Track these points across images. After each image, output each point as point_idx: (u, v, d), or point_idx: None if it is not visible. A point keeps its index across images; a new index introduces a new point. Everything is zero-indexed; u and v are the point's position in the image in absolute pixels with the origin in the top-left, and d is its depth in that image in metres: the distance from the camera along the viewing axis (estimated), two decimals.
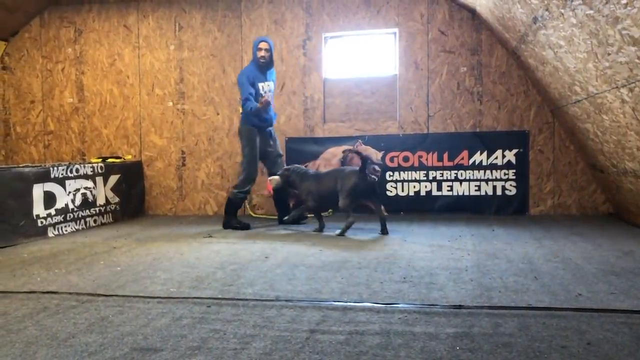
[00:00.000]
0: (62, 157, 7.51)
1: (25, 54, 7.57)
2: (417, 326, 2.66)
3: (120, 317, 2.89)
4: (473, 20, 6.58)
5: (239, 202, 5.93)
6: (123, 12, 7.34)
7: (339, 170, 5.51)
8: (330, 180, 5.44)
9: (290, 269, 3.89)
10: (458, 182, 6.63)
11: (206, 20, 7.14)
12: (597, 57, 3.97)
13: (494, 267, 3.86)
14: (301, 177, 5.63)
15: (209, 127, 7.15)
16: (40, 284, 3.63)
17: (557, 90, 5.46)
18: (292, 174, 5.67)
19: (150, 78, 7.30)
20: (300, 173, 5.66)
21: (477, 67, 6.60)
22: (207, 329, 2.67)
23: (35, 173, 5.46)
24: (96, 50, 7.41)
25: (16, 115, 7.62)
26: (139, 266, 4.09)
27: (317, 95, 6.93)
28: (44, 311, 3.01)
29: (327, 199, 5.52)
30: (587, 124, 5.20)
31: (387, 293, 3.24)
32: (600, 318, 2.73)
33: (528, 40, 5.27)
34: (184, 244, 5.03)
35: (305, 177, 5.61)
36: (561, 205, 6.49)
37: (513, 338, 2.48)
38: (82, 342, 2.53)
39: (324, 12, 6.87)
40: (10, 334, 2.65)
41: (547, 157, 6.49)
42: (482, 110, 6.62)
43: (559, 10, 4.02)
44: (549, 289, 3.25)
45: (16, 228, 5.19)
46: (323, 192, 5.48)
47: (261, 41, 5.78)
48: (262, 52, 5.73)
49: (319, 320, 2.78)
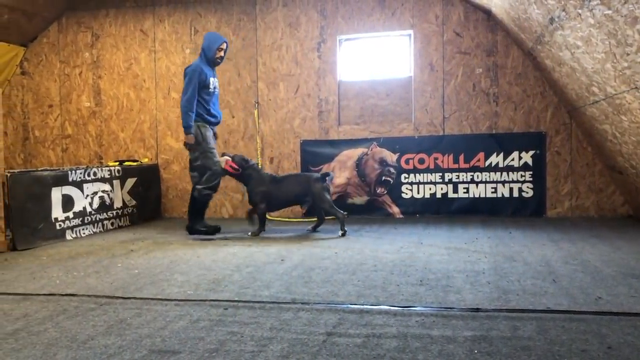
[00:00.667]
0: (80, 160, 7.60)
1: (44, 59, 7.67)
2: (435, 329, 2.65)
3: (138, 319, 2.91)
4: (488, 21, 6.54)
5: (205, 201, 5.61)
6: (139, 17, 7.41)
7: (303, 176, 5.67)
8: (292, 185, 5.55)
9: (306, 272, 3.89)
10: (474, 184, 6.59)
11: (221, 24, 7.18)
12: (615, 58, 3.92)
13: (512, 269, 3.83)
14: (258, 176, 5.58)
15: (224, 130, 7.19)
16: (59, 286, 3.67)
17: (575, 91, 5.41)
18: (249, 168, 5.59)
19: (166, 82, 7.35)
20: (258, 171, 5.65)
21: (493, 68, 6.56)
22: (224, 332, 2.68)
23: (54, 176, 5.52)
24: (113, 55, 7.48)
25: (35, 119, 7.73)
26: (156, 269, 4.12)
27: (331, 98, 6.93)
28: (63, 313, 3.05)
29: (280, 203, 5.64)
30: (606, 125, 5.14)
31: (403, 296, 3.23)
32: (620, 322, 2.70)
33: (544, 41, 5.23)
34: (200, 246, 5.05)
35: (262, 178, 5.57)
36: (579, 207, 6.42)
37: (532, 341, 2.46)
38: (101, 344, 2.55)
39: (339, 15, 6.88)
40: (31, 336, 2.68)
41: (564, 158, 6.43)
42: (498, 111, 6.57)
43: (576, 10, 3.98)
44: (567, 292, 3.22)
45: (35, 231, 5.26)
46: (280, 196, 5.53)
47: (223, 42, 5.62)
48: (222, 52, 5.63)
49: (335, 323, 2.78)
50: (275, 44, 7.04)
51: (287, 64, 7.02)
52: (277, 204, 5.66)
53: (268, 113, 7.08)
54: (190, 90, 5.42)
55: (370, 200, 6.82)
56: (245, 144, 7.13)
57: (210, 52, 5.56)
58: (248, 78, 7.11)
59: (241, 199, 7.14)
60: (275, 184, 5.56)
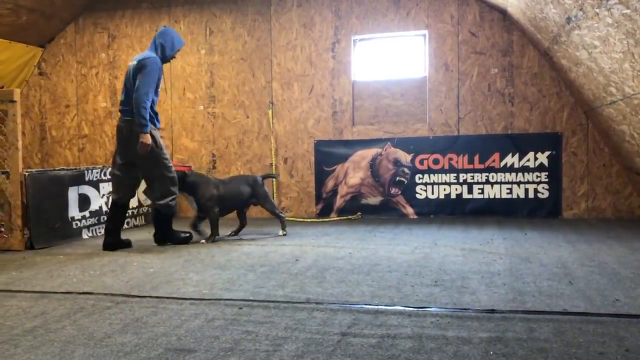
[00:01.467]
0: (96, 160, 7.67)
1: (61, 60, 7.75)
2: (450, 330, 2.64)
3: (154, 318, 2.93)
4: (504, 21, 6.50)
5: (172, 212, 5.16)
6: (155, 18, 7.46)
7: (250, 177, 5.59)
8: (242, 186, 5.47)
9: (320, 272, 3.90)
10: (489, 184, 6.55)
11: (236, 25, 7.21)
12: (633, 57, 3.88)
13: (527, 271, 3.80)
14: (204, 181, 5.35)
15: (239, 130, 7.22)
16: (76, 284, 3.71)
17: (591, 92, 5.36)
18: (191, 176, 5.35)
19: (181, 82, 7.40)
20: (201, 176, 5.46)
21: (509, 68, 6.52)
22: (239, 331, 2.69)
23: (71, 176, 5.58)
24: (129, 55, 7.54)
25: (52, 119, 7.81)
26: (171, 268, 4.15)
27: (346, 98, 6.93)
28: (80, 311, 3.08)
29: (233, 206, 5.53)
30: (623, 126, 5.09)
31: (418, 297, 3.22)
32: (639, 324, 2.67)
33: (561, 41, 5.18)
34: (215, 246, 5.07)
35: (209, 182, 5.38)
36: (595, 209, 6.36)
37: (548, 343, 2.44)
38: (118, 342, 2.58)
39: (353, 15, 6.87)
40: (49, 333, 2.71)
41: (580, 159, 6.37)
42: (513, 112, 6.53)
43: (594, 10, 3.94)
44: (584, 294, 3.19)
45: (52, 230, 5.32)
46: (232, 199, 5.42)
47: (182, 45, 5.29)
48: (177, 55, 5.30)
49: (350, 323, 2.78)
50: (290, 44, 7.06)
51: (301, 64, 7.03)
52: (229, 206, 5.48)
53: (282, 113, 7.09)
54: (151, 84, 4.84)
55: (384, 200, 6.81)
56: (260, 144, 7.15)
57: (171, 51, 5.13)
58: (262, 78, 7.13)
59: None
60: (224, 186, 5.41)
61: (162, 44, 5.09)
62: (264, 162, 7.11)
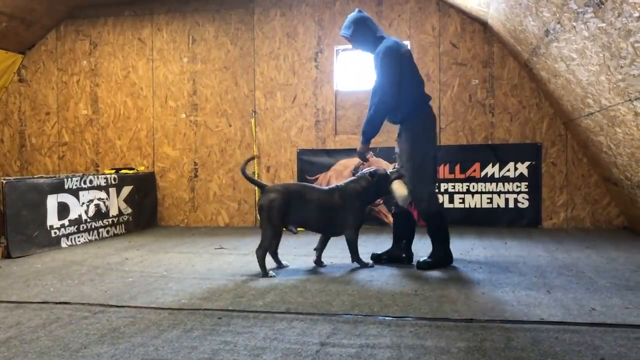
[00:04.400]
0: (76, 168, 7.59)
1: (42, 67, 7.68)
2: (429, 340, 2.65)
3: (132, 328, 2.90)
4: (485, 33, 6.58)
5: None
6: (137, 26, 7.44)
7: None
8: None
9: (301, 282, 3.89)
10: (470, 194, 6.60)
11: (219, 33, 7.21)
12: (609, 70, 3.95)
13: (506, 280, 3.83)
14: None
15: (222, 138, 7.20)
16: (53, 294, 3.65)
17: (570, 103, 5.44)
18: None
19: (163, 90, 7.37)
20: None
21: (489, 79, 6.59)
22: (217, 341, 2.67)
23: (50, 184, 5.52)
24: (111, 63, 7.50)
25: (31, 126, 7.73)
26: (150, 277, 4.11)
27: (328, 107, 6.95)
28: (56, 322, 3.03)
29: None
30: (600, 137, 5.17)
31: (398, 306, 3.23)
32: (614, 333, 2.70)
33: (540, 53, 5.26)
34: (196, 255, 5.04)
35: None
36: (574, 219, 6.44)
37: (525, 352, 2.46)
38: (94, 352, 2.54)
39: (336, 25, 6.91)
40: (24, 344, 2.67)
41: (560, 169, 6.45)
42: (494, 122, 6.60)
43: (571, 23, 4.01)
44: (561, 303, 3.22)
45: (30, 238, 5.25)
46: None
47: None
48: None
49: (329, 333, 2.77)
50: (273, 54, 7.07)
51: (284, 74, 7.04)
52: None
53: (265, 122, 7.09)
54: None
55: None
56: (242, 152, 7.14)
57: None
58: (245, 87, 7.13)
59: (237, 208, 7.14)
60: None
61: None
62: (247, 170, 7.08)
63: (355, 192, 4.31)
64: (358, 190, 4.32)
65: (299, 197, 4.19)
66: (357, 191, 4.32)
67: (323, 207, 4.23)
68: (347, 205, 4.28)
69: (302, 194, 4.22)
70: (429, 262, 4.28)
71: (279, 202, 4.09)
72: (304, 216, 4.23)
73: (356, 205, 4.31)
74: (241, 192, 7.12)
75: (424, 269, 4.23)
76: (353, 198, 4.30)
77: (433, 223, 4.35)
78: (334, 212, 4.26)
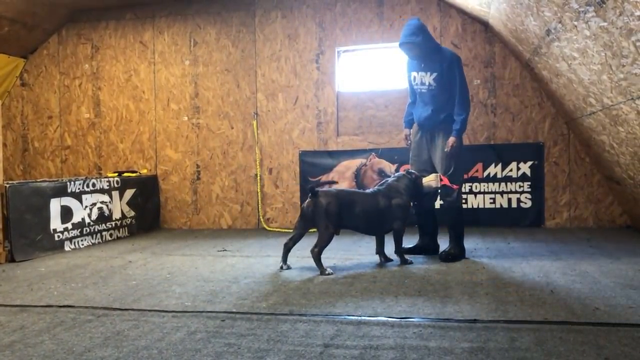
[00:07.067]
0: (79, 171, 7.60)
1: (44, 71, 7.70)
2: (432, 341, 2.64)
3: (136, 331, 2.90)
4: (486, 33, 6.58)
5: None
6: (139, 29, 7.45)
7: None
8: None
9: (304, 283, 3.89)
10: (472, 194, 6.60)
11: (220, 36, 7.22)
12: (611, 69, 3.95)
13: (510, 280, 3.83)
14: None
15: (224, 141, 7.21)
16: (57, 298, 3.66)
17: (572, 102, 5.43)
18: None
19: (165, 93, 7.38)
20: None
21: (491, 79, 6.59)
22: (221, 343, 2.68)
23: (53, 188, 5.53)
24: (112, 66, 7.52)
25: (34, 130, 7.75)
26: (154, 280, 4.12)
27: (330, 109, 6.95)
28: (60, 325, 3.04)
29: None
30: (603, 136, 5.16)
31: (401, 307, 3.23)
32: (618, 333, 2.69)
33: (541, 53, 5.26)
34: (199, 257, 5.05)
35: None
36: (577, 218, 6.43)
37: (529, 353, 2.46)
38: (98, 356, 2.55)
39: (337, 27, 6.92)
40: (28, 348, 2.68)
41: (562, 169, 6.44)
42: (496, 122, 6.59)
43: (572, 22, 4.01)
44: (565, 303, 3.22)
45: (34, 242, 5.26)
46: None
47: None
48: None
49: (333, 334, 2.77)
50: (274, 56, 7.08)
51: (286, 75, 7.05)
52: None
53: (267, 124, 7.10)
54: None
55: None
56: (244, 154, 7.14)
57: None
58: (247, 89, 7.14)
59: (240, 210, 7.14)
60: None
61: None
62: (249, 173, 7.11)
63: (401, 189, 4.57)
64: (402, 187, 4.58)
65: (349, 202, 4.39)
66: (402, 189, 4.58)
67: (370, 210, 4.45)
68: (393, 203, 4.50)
69: (352, 199, 4.43)
70: (452, 254, 4.62)
71: (334, 205, 4.29)
72: (355, 220, 4.43)
73: (402, 201, 4.54)
74: (243, 194, 7.13)
75: (447, 261, 4.57)
76: (399, 196, 4.54)
77: (457, 216, 4.74)
78: (380, 213, 4.48)
